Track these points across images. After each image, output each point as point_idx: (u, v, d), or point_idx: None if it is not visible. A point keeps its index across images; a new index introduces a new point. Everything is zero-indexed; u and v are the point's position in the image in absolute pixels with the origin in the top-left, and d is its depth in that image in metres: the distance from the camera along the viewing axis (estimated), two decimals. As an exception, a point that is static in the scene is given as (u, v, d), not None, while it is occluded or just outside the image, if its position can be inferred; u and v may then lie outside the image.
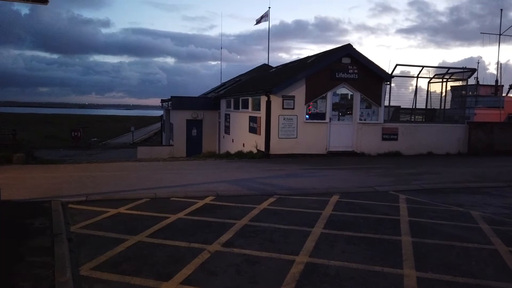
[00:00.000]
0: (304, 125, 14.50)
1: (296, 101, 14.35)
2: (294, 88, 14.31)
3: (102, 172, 10.15)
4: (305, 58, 18.53)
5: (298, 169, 11.15)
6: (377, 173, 10.73)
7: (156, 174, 9.84)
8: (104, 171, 10.39)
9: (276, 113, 14.18)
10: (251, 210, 6.46)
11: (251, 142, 15.81)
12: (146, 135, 53.86)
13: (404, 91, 17.19)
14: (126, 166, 11.67)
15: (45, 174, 9.54)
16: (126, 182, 8.57)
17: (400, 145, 15.65)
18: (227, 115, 20.81)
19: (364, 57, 14.87)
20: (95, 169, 10.83)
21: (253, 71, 30.24)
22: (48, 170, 10.28)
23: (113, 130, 60.78)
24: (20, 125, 63.49)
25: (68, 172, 9.96)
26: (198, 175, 9.88)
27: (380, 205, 7.04)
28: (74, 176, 9.27)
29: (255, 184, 8.68)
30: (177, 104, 23.71)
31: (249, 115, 16.75)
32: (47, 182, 8.35)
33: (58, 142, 40.95)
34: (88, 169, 10.69)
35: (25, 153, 12.20)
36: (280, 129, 14.27)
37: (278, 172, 10.59)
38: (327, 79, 14.61)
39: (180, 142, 23.68)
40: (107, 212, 6.13)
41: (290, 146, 14.39)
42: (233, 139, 19.66)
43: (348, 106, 15.31)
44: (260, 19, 33.56)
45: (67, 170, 10.37)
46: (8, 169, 10.28)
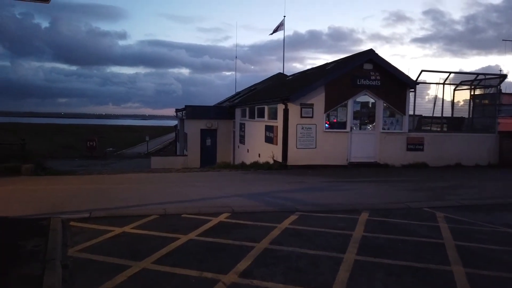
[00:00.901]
0: (324, 134, 13.74)
1: (315, 109, 13.62)
2: (312, 96, 13.60)
3: (111, 184, 9.59)
4: (324, 65, 17.83)
5: (319, 182, 10.38)
6: (406, 186, 9.87)
7: (167, 187, 9.22)
8: (113, 183, 9.83)
9: (294, 122, 13.47)
10: (271, 230, 5.73)
11: (268, 153, 15.11)
12: (161, 145, 53.80)
13: (421, 100, 16.18)
14: (136, 177, 11.11)
15: (52, 187, 9.02)
16: (135, 196, 7.95)
17: (426, 156, 14.69)
18: (242, 124, 20.20)
19: (387, 62, 14.08)
20: (104, 181, 10.30)
21: (268, 80, 29.68)
22: (55, 182, 9.79)
23: (128, 140, 61.04)
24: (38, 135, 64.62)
25: (76, 184, 9.44)
26: (212, 188, 9.21)
27: (417, 225, 6.21)
28: (81, 189, 8.72)
29: (274, 198, 7.95)
30: (191, 114, 23.26)
31: (265, 124, 16.09)
32: (52, 196, 7.80)
33: (74, 151, 41.12)
34: (97, 181, 10.15)
35: (34, 163, 11.78)
36: (298, 139, 13.54)
37: (298, 185, 9.84)
38: (348, 86, 13.86)
39: (194, 152, 23.16)
40: (111, 231, 5.49)
41: (308, 157, 13.63)
42: (248, 149, 19.01)
43: (370, 114, 14.50)
44: (276, 28, 33.16)
45: (75, 182, 9.86)
46: (15, 180, 9.83)
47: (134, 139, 60.96)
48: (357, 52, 15.46)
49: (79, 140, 43.21)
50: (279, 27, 32.85)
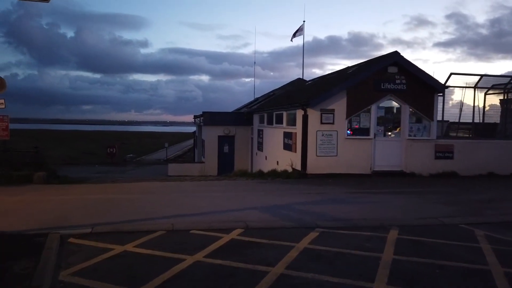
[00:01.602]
0: (345, 141, 13.00)
1: (336, 115, 12.92)
2: (333, 101, 12.91)
3: (121, 194, 9.17)
4: (345, 69, 17.11)
5: (341, 193, 9.66)
6: (437, 199, 9.03)
7: (179, 197, 8.72)
8: (124, 193, 9.42)
9: (314, 129, 12.80)
10: (288, 250, 5.11)
11: (286, 160, 14.47)
12: (180, 151, 53.91)
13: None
14: (149, 186, 10.69)
15: (60, 197, 8.67)
16: (144, 208, 7.48)
17: (456, 165, 13.69)
18: (260, 130, 19.65)
19: (413, 65, 13.26)
20: (115, 190, 9.91)
21: (287, 85, 29.08)
22: (65, 192, 9.45)
23: (149, 146, 61.54)
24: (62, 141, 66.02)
25: (86, 194, 9.07)
26: (226, 199, 8.65)
27: (455, 246, 5.45)
28: (89, 200, 8.32)
29: (292, 212, 7.32)
30: (209, 120, 22.89)
31: (283, 130, 15.47)
32: (57, 207, 7.41)
33: (95, 158, 41.53)
34: (108, 191, 9.77)
35: (47, 171, 11.56)
36: (318, 146, 12.85)
37: (318, 196, 9.17)
38: (371, 90, 13.10)
39: (211, 159, 22.75)
40: (111, 250, 5.00)
41: (329, 165, 12.91)
42: (266, 156, 18.42)
43: (395, 120, 13.67)
44: (295, 33, 32.63)
45: (85, 192, 9.49)
46: (26, 189, 9.55)
47: (154, 146, 61.44)
48: (380, 55, 14.69)
49: (100, 146, 43.60)
50: (298, 32, 32.32)
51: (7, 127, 10.55)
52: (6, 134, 10.56)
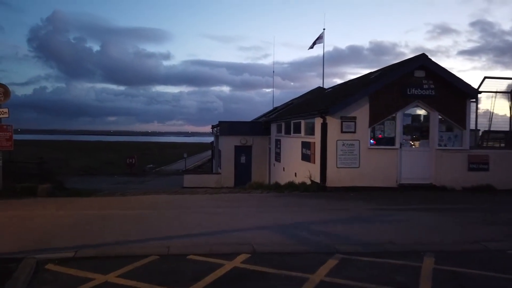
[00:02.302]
0: (368, 152, 11.99)
1: (357, 123, 11.95)
2: (355, 108, 11.96)
3: (123, 210, 8.49)
4: (367, 74, 16.13)
5: (364, 209, 8.65)
6: (475, 217, 7.90)
7: (184, 214, 7.95)
8: (127, 208, 8.74)
9: (334, 138, 11.87)
10: (300, 284, 4.22)
11: (304, 172, 13.55)
12: (199, 162, 53.63)
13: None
14: (156, 201, 10.00)
15: (58, 212, 8.06)
16: (142, 227, 6.74)
17: (492, 177, 12.37)
18: (277, 140, 18.82)
19: (443, 69, 12.17)
20: (119, 205, 9.25)
21: (307, 94, 28.20)
22: (66, 206, 8.86)
23: (169, 156, 61.64)
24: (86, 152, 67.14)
25: (85, 209, 8.43)
26: (235, 215, 7.82)
27: (508, 282, 4.42)
28: (86, 216, 7.66)
29: (308, 233, 6.41)
30: (225, 130, 22.25)
31: (301, 140, 14.59)
32: (47, 226, 6.74)
33: (115, 168, 41.65)
34: (111, 205, 9.12)
35: (53, 183, 11.09)
36: (339, 157, 11.89)
37: (338, 213, 8.21)
38: (396, 96, 12.09)
39: (228, 169, 22.02)
40: (90, 280, 4.24)
41: (351, 178, 11.91)
42: (284, 167, 17.54)
43: (423, 129, 12.56)
44: (315, 41, 31.83)
45: (86, 206, 8.88)
46: (25, 204, 9.04)
47: (174, 156, 61.50)
48: (406, 59, 13.65)
49: (122, 157, 43.74)
50: (318, 40, 31.51)
51: (11, 137, 10.14)
52: (10, 144, 10.15)
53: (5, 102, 10.08)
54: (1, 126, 10.07)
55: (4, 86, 10.06)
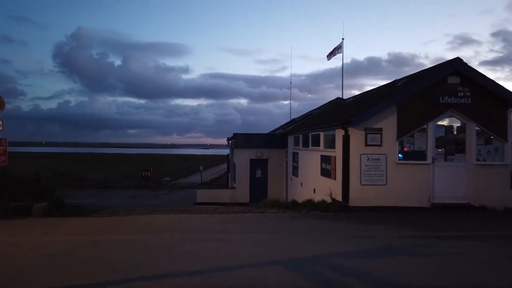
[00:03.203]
0: (397, 167, 10.71)
1: (384, 136, 10.72)
2: (380, 119, 10.75)
3: (119, 234, 7.50)
4: (393, 82, 14.88)
5: (396, 237, 7.38)
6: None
7: (184, 241, 6.88)
8: (124, 232, 7.74)
9: (357, 152, 10.66)
10: None
11: (324, 188, 12.35)
12: (216, 175, 52.80)
13: None
14: (159, 222, 8.99)
15: (43, 238, 7.12)
16: (132, 259, 5.69)
17: (540, 196, 10.89)
18: (295, 154, 17.66)
19: (481, 74, 10.86)
20: (116, 227, 8.28)
21: (326, 105, 27.02)
22: (55, 229, 7.93)
23: (186, 169, 61.12)
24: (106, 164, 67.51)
25: (76, 234, 7.48)
26: (245, 244, 6.69)
27: None
28: (74, 243, 6.69)
29: (331, 270, 5.22)
30: (240, 142, 21.28)
31: (320, 154, 13.41)
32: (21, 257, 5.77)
33: (132, 181, 41.25)
34: (108, 228, 8.15)
35: (51, 201, 10.26)
36: (363, 173, 10.65)
37: (365, 241, 6.97)
38: (427, 105, 10.83)
39: (243, 184, 20.97)
40: None
41: (377, 196, 10.64)
42: (301, 182, 16.34)
43: (459, 141, 11.21)
44: (333, 51, 30.74)
45: (79, 230, 7.94)
46: (14, 225, 8.18)
47: (191, 168, 60.96)
48: (438, 63, 12.36)
49: (139, 169, 43.34)
50: (336, 50, 30.44)
51: (5, 151, 9.40)
52: (3, 160, 9.41)
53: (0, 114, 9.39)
54: (-6, 140, 9.36)
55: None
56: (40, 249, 6.22)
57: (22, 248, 6.30)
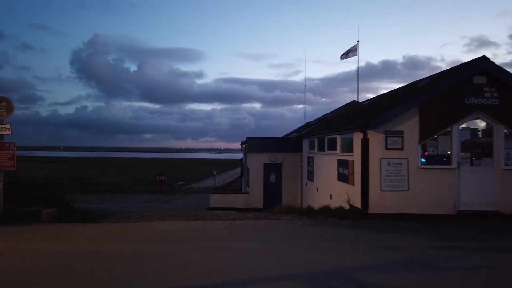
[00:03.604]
0: (419, 172, 10.11)
1: (405, 139, 10.14)
2: (401, 121, 10.18)
3: (126, 243, 7.15)
4: (413, 83, 14.26)
5: (422, 247, 6.82)
6: None
7: (196, 251, 6.47)
8: (131, 240, 7.40)
9: (377, 156, 10.11)
10: None
11: (341, 194, 11.80)
12: (230, 179, 52.48)
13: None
14: (169, 229, 8.62)
15: (46, 246, 6.81)
16: (136, 272, 5.32)
17: None
18: (310, 158, 17.14)
19: (509, 73, 10.20)
20: (124, 235, 7.95)
21: (341, 108, 26.42)
22: (60, 237, 7.63)
23: (200, 173, 61.07)
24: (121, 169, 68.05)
25: (81, 242, 7.16)
26: (258, 255, 6.25)
27: None
28: (75, 253, 6.34)
29: (352, 286, 4.74)
30: (254, 146, 20.86)
31: (337, 158, 12.87)
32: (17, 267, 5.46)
33: (146, 185, 41.33)
34: (115, 236, 7.82)
35: (61, 206, 10.03)
36: (383, 178, 10.09)
37: (387, 253, 6.44)
38: (452, 107, 10.21)
39: (256, 189, 20.52)
40: None
41: (398, 203, 10.05)
42: (317, 187, 15.80)
43: (485, 145, 10.53)
44: (347, 52, 30.14)
45: (84, 237, 7.62)
46: (20, 232, 7.93)
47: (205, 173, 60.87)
48: (463, 62, 11.72)
49: (154, 174, 43.43)
50: (351, 53, 29.83)
51: (14, 156, 9.20)
52: (12, 164, 9.21)
53: (8, 118, 9.21)
54: (2, 143, 9.16)
55: (7, 100, 9.21)
56: (41, 258, 5.91)
57: (22, 257, 6.01)
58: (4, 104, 9.10)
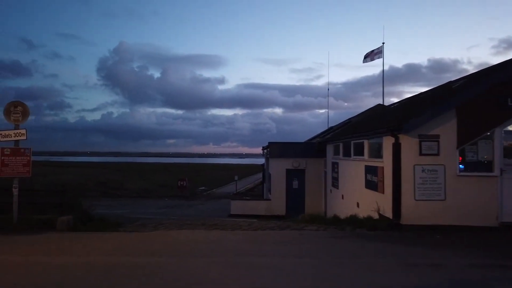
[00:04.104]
0: (457, 180, 9.24)
1: (441, 143, 9.31)
2: (437, 124, 9.35)
3: (138, 256, 6.67)
4: (448, 83, 13.32)
5: (466, 266, 6.02)
6: None
7: (210, 268, 5.89)
8: (144, 253, 6.90)
9: (410, 162, 9.31)
10: None
11: (370, 203, 11.03)
12: (251, 184, 51.92)
13: None
14: (188, 239, 8.13)
15: (55, 258, 6.37)
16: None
17: None
18: (334, 163, 16.37)
19: (559, 70, 9.22)
20: (138, 246, 7.49)
21: (366, 111, 25.46)
22: (73, 248, 7.24)
23: (222, 178, 60.85)
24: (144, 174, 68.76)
25: (92, 254, 6.72)
26: (279, 274, 5.61)
27: None
28: (85, 267, 5.89)
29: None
30: (276, 152, 20.26)
31: (364, 164, 12.09)
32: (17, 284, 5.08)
33: (168, 190, 41.35)
34: (128, 247, 7.38)
35: (78, 214, 9.74)
36: (417, 187, 9.27)
37: (429, 272, 5.68)
38: (493, 108, 9.29)
39: (279, 195, 19.88)
40: None
41: (434, 213, 9.21)
42: (343, 195, 15.01)
43: (532, 149, 9.55)
44: (371, 55, 29.18)
45: (97, 248, 7.20)
46: (34, 241, 7.63)
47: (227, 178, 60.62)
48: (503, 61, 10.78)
49: (176, 179, 43.41)
50: (375, 55, 28.86)
51: (29, 162, 8.96)
52: (27, 170, 8.96)
53: (24, 123, 8.98)
54: (17, 149, 8.93)
55: (24, 104, 8.99)
56: (47, 273, 5.49)
57: (27, 272, 5.61)
58: (20, 108, 8.89)
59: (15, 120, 8.83)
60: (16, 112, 8.81)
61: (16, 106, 8.85)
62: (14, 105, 8.85)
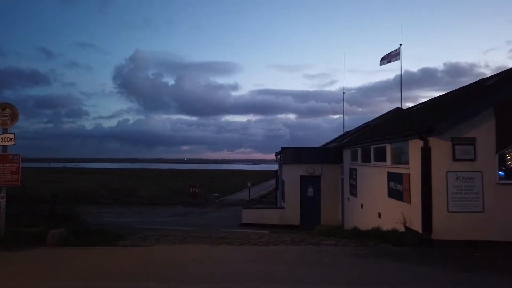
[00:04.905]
0: (497, 189, 8.06)
1: (478, 147, 8.15)
2: (472, 126, 8.21)
3: (127, 281, 5.74)
4: (480, 80, 12.11)
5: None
6: None
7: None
8: (134, 278, 5.93)
9: (442, 168, 8.17)
10: None
11: (394, 214, 9.89)
12: (265, 191, 50.79)
13: None
14: (187, 257, 7.16)
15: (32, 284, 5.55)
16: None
17: None
18: (352, 170, 15.22)
19: None
20: (131, 268, 6.54)
21: (385, 115, 24.21)
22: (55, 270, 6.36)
23: (235, 184, 59.88)
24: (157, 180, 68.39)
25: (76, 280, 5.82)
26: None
27: None
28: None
29: None
30: (289, 157, 19.20)
31: (387, 171, 10.95)
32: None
33: (181, 197, 40.57)
34: (118, 271, 6.42)
35: (71, 226, 8.90)
36: (451, 196, 8.12)
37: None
38: (537, 106, 8.12)
39: (292, 204, 18.76)
40: None
41: (470, 227, 8.04)
42: (362, 204, 13.86)
43: None
44: (388, 57, 27.91)
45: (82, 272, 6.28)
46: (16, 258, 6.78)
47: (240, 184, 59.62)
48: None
49: (189, 185, 42.58)
50: (393, 57, 27.60)
51: (18, 169, 8.16)
52: (16, 179, 8.16)
53: (12, 126, 8.22)
54: (5, 155, 8.15)
55: (13, 107, 8.23)
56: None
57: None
58: (8, 111, 8.12)
59: (3, 124, 8.07)
60: (4, 115, 8.05)
61: (4, 108, 8.10)
62: (1, 107, 8.10)
